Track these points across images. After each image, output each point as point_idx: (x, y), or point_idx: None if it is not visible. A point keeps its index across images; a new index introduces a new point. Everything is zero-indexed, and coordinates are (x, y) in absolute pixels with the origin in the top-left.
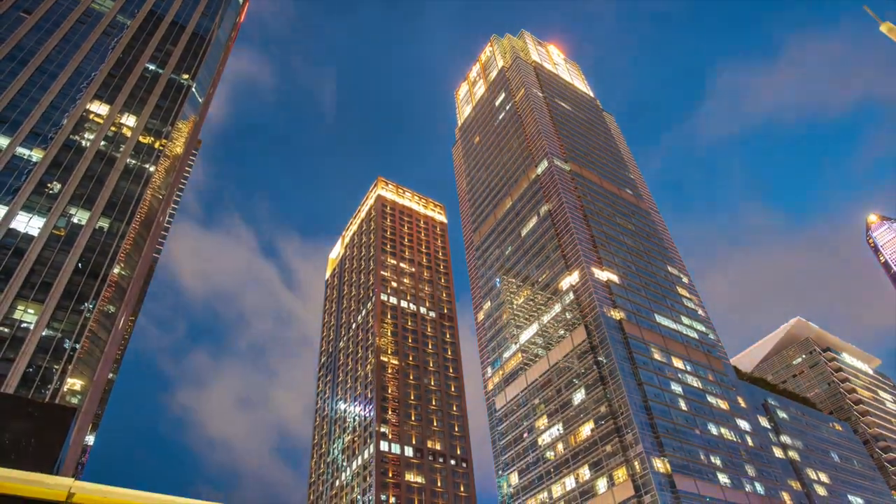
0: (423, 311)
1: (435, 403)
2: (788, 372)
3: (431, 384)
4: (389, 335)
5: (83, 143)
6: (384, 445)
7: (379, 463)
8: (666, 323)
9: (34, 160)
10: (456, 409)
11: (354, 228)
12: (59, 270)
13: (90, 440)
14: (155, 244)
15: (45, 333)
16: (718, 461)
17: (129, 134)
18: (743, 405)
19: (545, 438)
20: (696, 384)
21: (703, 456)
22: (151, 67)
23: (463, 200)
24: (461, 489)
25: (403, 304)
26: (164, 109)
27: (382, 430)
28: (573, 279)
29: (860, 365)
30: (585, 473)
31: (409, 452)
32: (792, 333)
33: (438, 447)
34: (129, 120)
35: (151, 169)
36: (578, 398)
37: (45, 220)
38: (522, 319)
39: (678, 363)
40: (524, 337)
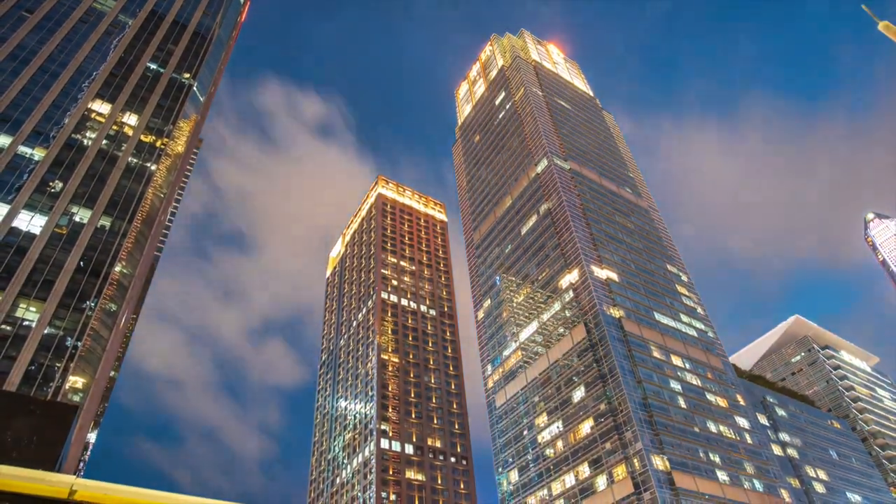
0: (423, 308)
1: (435, 401)
2: (787, 370)
3: (432, 382)
4: (390, 333)
5: (85, 142)
6: (385, 443)
7: (379, 460)
8: (665, 321)
9: (36, 159)
10: (456, 406)
11: (355, 227)
12: (60, 269)
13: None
14: (156, 243)
15: (46, 331)
16: (717, 458)
17: (130, 133)
18: (742, 403)
19: (545, 436)
20: (695, 382)
21: (702, 453)
22: (153, 66)
23: (463, 199)
24: (461, 486)
25: (404, 302)
26: (165, 108)
27: (383, 427)
28: (573, 277)
29: (858, 363)
30: (585, 471)
31: (409, 450)
32: (791, 331)
33: (439, 445)
34: (130, 119)
35: (153, 168)
36: (578, 396)
37: (46, 218)
38: (522, 317)
39: (677, 361)
40: (524, 335)
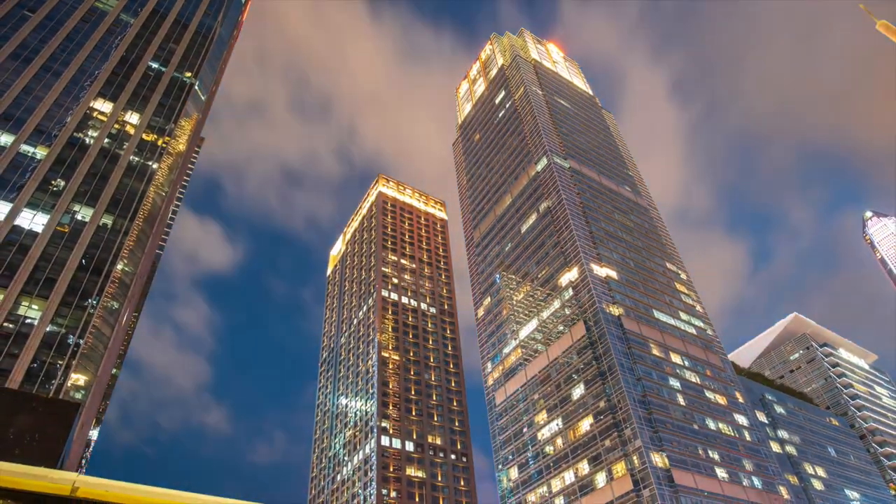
0: (423, 306)
1: (435, 398)
2: (786, 367)
3: (432, 379)
4: (390, 331)
5: (87, 140)
6: (385, 440)
7: (380, 457)
8: (664, 319)
9: (38, 157)
10: (456, 404)
11: (356, 225)
12: (62, 267)
13: (93, 435)
14: (158, 241)
15: (49, 329)
16: (716, 456)
17: (132, 131)
18: (741, 400)
19: (545, 433)
20: (694, 379)
21: (701, 450)
22: (154, 65)
23: (463, 197)
24: (461, 483)
25: (404, 300)
26: (167, 107)
27: (383, 424)
28: (572, 275)
29: (857, 360)
30: (584, 468)
31: (409, 447)
32: (789, 329)
33: (439, 442)
34: (132, 118)
35: (154, 166)
36: (577, 393)
37: (49, 216)
38: (522, 315)
39: (676, 358)
40: (524, 332)
